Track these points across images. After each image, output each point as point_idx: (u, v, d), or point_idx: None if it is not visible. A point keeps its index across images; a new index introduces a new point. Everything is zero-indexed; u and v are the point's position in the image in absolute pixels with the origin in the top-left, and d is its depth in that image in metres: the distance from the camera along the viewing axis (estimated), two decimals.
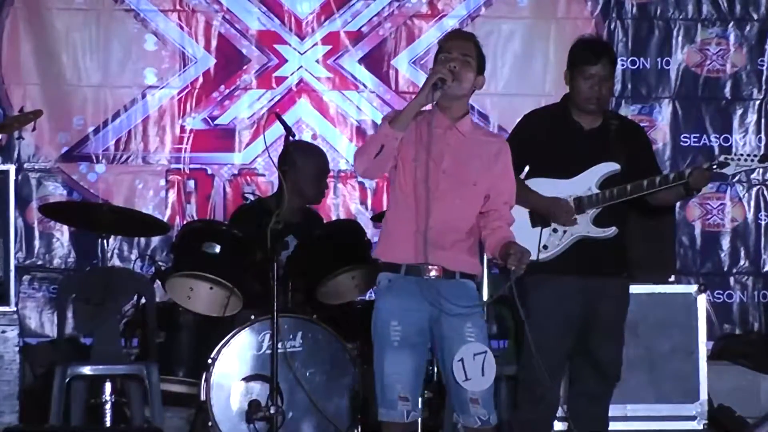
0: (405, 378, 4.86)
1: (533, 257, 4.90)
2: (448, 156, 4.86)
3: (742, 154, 5.76)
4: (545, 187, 5.69)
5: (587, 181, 5.71)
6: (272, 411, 5.81)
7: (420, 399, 5.06)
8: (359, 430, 6.14)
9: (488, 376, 4.79)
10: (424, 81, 4.84)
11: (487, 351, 4.80)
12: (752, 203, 8.38)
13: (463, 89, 4.89)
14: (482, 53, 4.98)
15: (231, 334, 6.10)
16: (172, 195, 8.18)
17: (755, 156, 5.75)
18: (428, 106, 4.89)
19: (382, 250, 4.96)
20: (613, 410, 5.99)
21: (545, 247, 5.68)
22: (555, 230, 5.71)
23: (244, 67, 8.26)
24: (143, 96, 8.19)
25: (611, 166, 5.70)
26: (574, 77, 5.70)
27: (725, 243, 8.37)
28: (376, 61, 8.32)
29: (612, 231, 5.70)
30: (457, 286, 4.88)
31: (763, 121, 8.40)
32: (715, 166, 5.66)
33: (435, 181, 4.82)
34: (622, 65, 8.30)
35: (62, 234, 8.09)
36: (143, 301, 6.50)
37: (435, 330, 4.88)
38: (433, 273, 4.84)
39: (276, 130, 7.66)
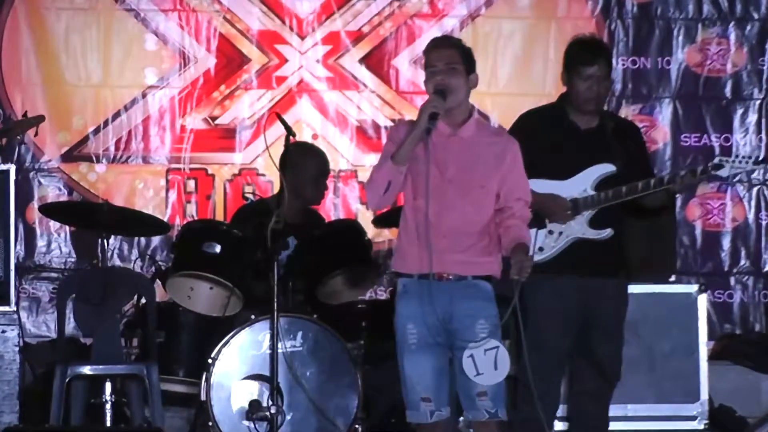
0: (425, 379, 4.91)
1: None
2: (452, 164, 4.89)
3: (737, 156, 5.77)
4: (541, 188, 5.64)
5: (583, 183, 5.69)
6: (272, 411, 5.81)
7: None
8: (361, 429, 6.14)
9: (501, 370, 4.83)
10: (418, 115, 4.86)
11: (500, 345, 4.84)
12: (753, 203, 8.38)
13: (458, 98, 4.91)
14: (468, 52, 4.97)
15: (231, 333, 6.10)
16: (173, 195, 8.17)
17: (749, 158, 5.75)
18: None
19: (395, 261, 5.05)
20: (614, 410, 5.98)
21: (540, 249, 5.65)
22: (550, 232, 5.69)
23: (245, 67, 8.26)
24: (144, 96, 8.19)
25: (607, 168, 5.68)
26: (571, 78, 5.68)
27: (726, 243, 8.37)
28: (377, 61, 8.31)
29: (607, 233, 5.68)
30: (469, 286, 4.92)
31: (763, 120, 8.39)
32: (710, 168, 5.66)
33: (441, 191, 4.85)
34: (623, 65, 8.30)
35: (62, 234, 8.09)
36: (143, 300, 6.49)
37: (450, 328, 4.90)
38: (442, 279, 4.89)
39: (276, 129, 7.65)
